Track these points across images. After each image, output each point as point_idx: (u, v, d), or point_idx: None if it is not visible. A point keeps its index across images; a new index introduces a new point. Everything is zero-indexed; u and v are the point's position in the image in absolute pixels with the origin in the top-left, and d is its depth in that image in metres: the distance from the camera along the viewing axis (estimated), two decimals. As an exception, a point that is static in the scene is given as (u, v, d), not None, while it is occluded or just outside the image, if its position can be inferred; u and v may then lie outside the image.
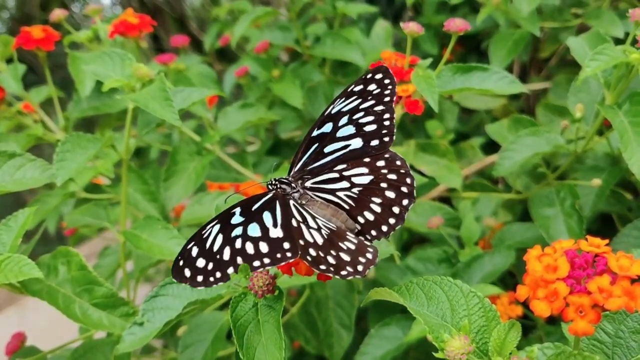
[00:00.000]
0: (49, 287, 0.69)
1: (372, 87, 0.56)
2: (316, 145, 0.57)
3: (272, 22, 1.52)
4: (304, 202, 0.54)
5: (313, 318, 0.90)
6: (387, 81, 0.56)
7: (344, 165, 0.56)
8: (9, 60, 0.94)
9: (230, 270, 0.46)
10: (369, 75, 0.57)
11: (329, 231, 0.51)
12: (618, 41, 0.87)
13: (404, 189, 0.53)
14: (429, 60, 0.72)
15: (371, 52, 1.18)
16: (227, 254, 0.47)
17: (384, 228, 0.53)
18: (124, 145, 0.79)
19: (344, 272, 0.48)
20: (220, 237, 0.48)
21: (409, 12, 1.62)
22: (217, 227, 0.49)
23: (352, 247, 0.50)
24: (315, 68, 1.27)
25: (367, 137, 0.56)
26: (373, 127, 0.56)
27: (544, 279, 0.41)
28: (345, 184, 0.55)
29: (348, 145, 0.56)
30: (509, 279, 1.04)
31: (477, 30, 1.32)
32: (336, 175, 0.56)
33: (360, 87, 0.57)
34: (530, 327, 0.99)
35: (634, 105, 0.72)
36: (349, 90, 0.57)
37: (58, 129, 0.96)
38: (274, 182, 0.55)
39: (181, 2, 2.36)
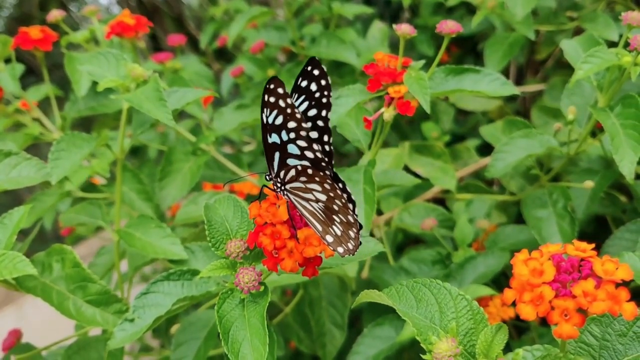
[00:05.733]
0: (44, 284, 0.69)
1: (313, 87, 0.52)
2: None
3: (269, 22, 1.52)
4: None
5: (306, 318, 0.90)
6: (323, 82, 0.51)
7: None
8: (8, 60, 0.94)
9: None
10: (309, 68, 0.51)
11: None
12: (613, 44, 0.87)
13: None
14: (422, 62, 0.72)
15: (366, 53, 1.18)
16: None
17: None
18: (119, 145, 0.79)
19: (340, 249, 0.50)
20: None
21: (406, 14, 1.62)
22: None
23: (339, 230, 0.50)
24: (311, 68, 1.26)
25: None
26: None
27: (530, 282, 0.41)
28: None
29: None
30: (503, 280, 1.04)
31: (474, 32, 1.33)
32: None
33: (305, 82, 0.52)
34: (523, 329, 0.99)
35: (626, 107, 0.72)
36: (298, 83, 0.52)
37: (55, 129, 0.97)
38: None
39: (179, 2, 2.37)
